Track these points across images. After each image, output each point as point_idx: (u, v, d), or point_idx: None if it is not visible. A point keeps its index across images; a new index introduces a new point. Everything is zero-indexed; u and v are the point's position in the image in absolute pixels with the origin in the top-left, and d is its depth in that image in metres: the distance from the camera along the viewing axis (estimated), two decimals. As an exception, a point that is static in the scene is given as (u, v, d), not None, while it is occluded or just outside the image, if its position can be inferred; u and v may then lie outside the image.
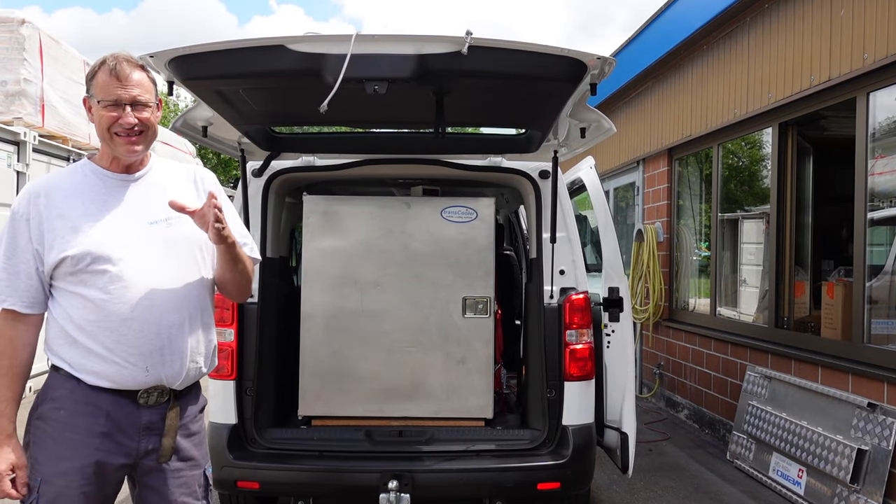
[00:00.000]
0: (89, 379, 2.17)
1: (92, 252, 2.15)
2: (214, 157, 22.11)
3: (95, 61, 2.23)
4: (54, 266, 2.16)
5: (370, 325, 3.97)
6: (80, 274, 2.16)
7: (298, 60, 2.65)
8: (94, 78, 2.20)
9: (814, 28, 4.91)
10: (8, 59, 7.88)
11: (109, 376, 2.17)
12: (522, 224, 5.31)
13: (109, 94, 2.17)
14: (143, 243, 2.22)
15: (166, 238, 2.25)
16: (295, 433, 3.89)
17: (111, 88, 2.17)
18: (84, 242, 2.15)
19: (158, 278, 2.22)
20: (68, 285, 2.17)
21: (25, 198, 2.20)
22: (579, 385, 3.73)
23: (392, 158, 4.02)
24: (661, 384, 7.59)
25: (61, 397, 2.17)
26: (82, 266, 2.15)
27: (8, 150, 7.32)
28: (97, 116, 2.20)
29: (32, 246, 2.16)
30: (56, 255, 2.15)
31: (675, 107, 7.25)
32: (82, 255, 2.14)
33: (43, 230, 2.16)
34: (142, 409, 2.21)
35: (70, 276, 2.16)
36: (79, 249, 2.14)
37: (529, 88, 3.02)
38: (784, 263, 5.58)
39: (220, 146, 3.92)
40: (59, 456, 2.15)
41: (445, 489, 3.64)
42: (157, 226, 2.25)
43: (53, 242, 2.15)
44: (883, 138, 4.59)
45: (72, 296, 2.17)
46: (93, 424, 2.16)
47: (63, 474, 2.14)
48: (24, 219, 2.17)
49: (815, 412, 4.73)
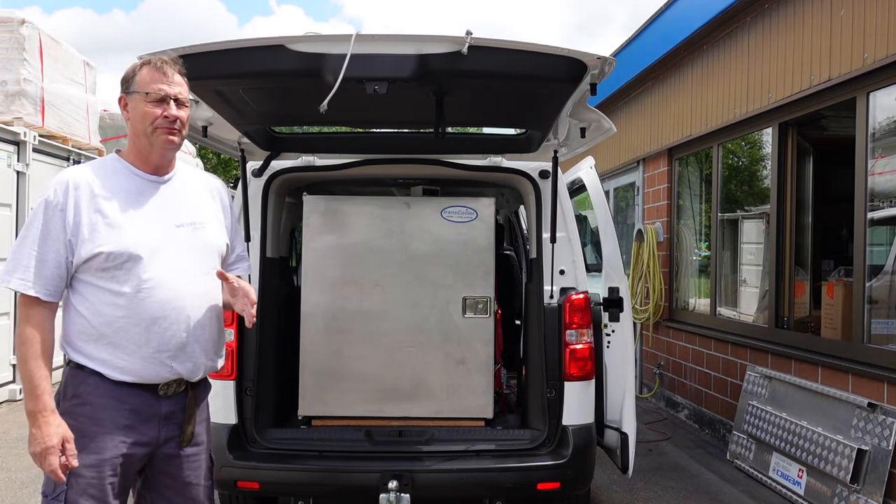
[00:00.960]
0: (114, 374, 2.23)
1: (127, 250, 2.21)
2: (214, 157, 22.11)
3: (134, 63, 2.31)
4: (86, 259, 2.19)
5: (370, 325, 3.97)
6: (112, 270, 2.20)
7: (298, 60, 2.65)
8: (135, 76, 2.27)
9: (814, 28, 4.91)
10: (8, 59, 7.89)
11: (136, 372, 2.25)
12: (522, 224, 5.31)
13: (157, 90, 2.26)
14: (171, 244, 2.31)
15: (191, 242, 2.37)
16: (295, 433, 3.89)
17: (158, 84, 2.26)
18: (120, 240, 2.20)
19: (186, 279, 2.32)
20: (98, 280, 2.21)
21: (62, 187, 2.20)
22: (579, 385, 3.73)
23: (392, 158, 4.02)
24: (661, 384, 7.59)
25: (85, 393, 2.22)
26: (116, 263, 2.20)
27: (8, 150, 7.32)
28: (139, 112, 2.27)
29: (66, 236, 2.18)
30: (90, 248, 2.18)
31: (675, 107, 7.25)
32: (118, 253, 2.20)
33: (80, 222, 2.18)
34: (161, 400, 2.31)
35: (101, 272, 2.20)
36: (115, 246, 2.20)
37: (529, 88, 3.02)
38: (784, 263, 5.58)
39: (220, 146, 3.92)
40: (85, 449, 2.19)
41: (445, 489, 3.64)
42: (183, 229, 2.35)
43: (89, 236, 2.18)
44: (883, 138, 4.59)
45: (101, 291, 2.21)
46: (117, 418, 2.24)
47: (91, 467, 2.19)
48: (59, 208, 2.18)
49: (815, 412, 4.73)
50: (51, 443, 2.13)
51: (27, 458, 5.43)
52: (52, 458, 2.13)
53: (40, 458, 2.14)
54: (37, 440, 2.14)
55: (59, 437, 2.15)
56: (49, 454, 2.13)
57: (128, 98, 2.30)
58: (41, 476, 2.24)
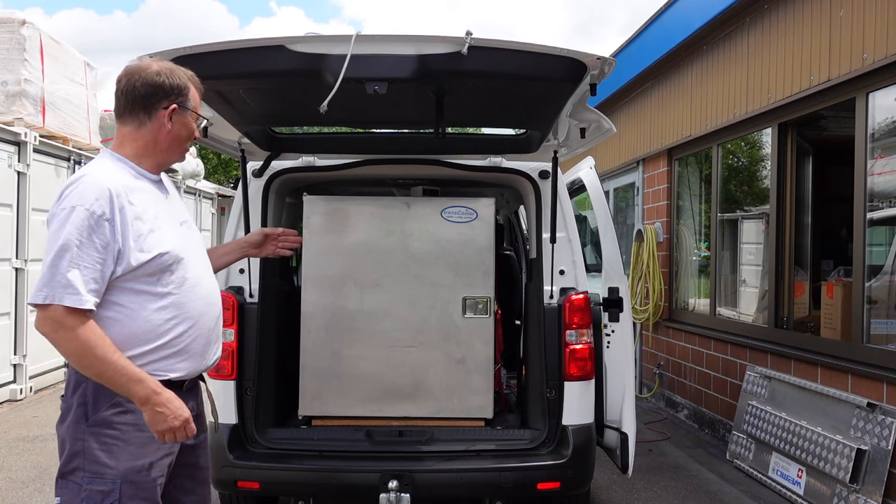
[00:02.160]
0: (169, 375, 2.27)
1: (172, 252, 2.25)
2: (215, 157, 22.11)
3: (176, 70, 2.32)
4: (136, 266, 2.18)
5: (370, 325, 3.98)
6: (158, 273, 2.23)
7: (299, 61, 2.66)
8: (188, 91, 2.32)
9: (813, 28, 4.92)
10: (9, 60, 7.90)
11: (186, 369, 2.31)
12: (522, 224, 5.32)
13: (201, 112, 2.39)
14: (190, 243, 2.39)
15: (194, 238, 2.45)
16: (295, 433, 3.90)
17: (200, 106, 2.39)
18: (167, 243, 2.25)
19: (208, 275, 2.45)
20: (142, 285, 2.21)
21: (105, 197, 2.14)
22: (579, 385, 3.74)
23: (392, 158, 4.03)
24: (660, 384, 7.59)
25: (125, 401, 2.20)
26: (166, 266, 2.23)
27: (8, 151, 7.33)
28: (188, 128, 2.34)
29: (116, 246, 2.15)
30: (143, 255, 2.18)
31: (675, 107, 7.25)
32: (169, 255, 2.24)
33: (126, 231, 2.17)
34: (185, 396, 2.34)
35: (147, 277, 2.21)
36: (166, 249, 2.23)
37: (529, 89, 3.03)
38: (784, 263, 5.58)
39: (220, 146, 3.93)
40: (133, 455, 2.21)
41: (445, 489, 3.64)
42: (185, 227, 2.42)
43: (136, 243, 2.18)
44: (882, 138, 4.60)
45: (143, 296, 2.21)
46: None
47: (141, 471, 2.22)
48: (105, 219, 2.13)
49: (814, 412, 4.73)
50: (186, 413, 2.21)
51: (28, 457, 5.46)
52: (191, 424, 2.23)
53: (178, 431, 2.20)
54: (169, 416, 2.17)
55: (186, 408, 2.23)
56: (190, 422, 2.22)
57: (181, 111, 2.30)
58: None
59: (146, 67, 2.29)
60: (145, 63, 2.33)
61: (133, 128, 2.30)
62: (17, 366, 7.54)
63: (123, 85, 2.29)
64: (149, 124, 2.29)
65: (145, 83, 2.26)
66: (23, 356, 7.55)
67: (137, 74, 2.28)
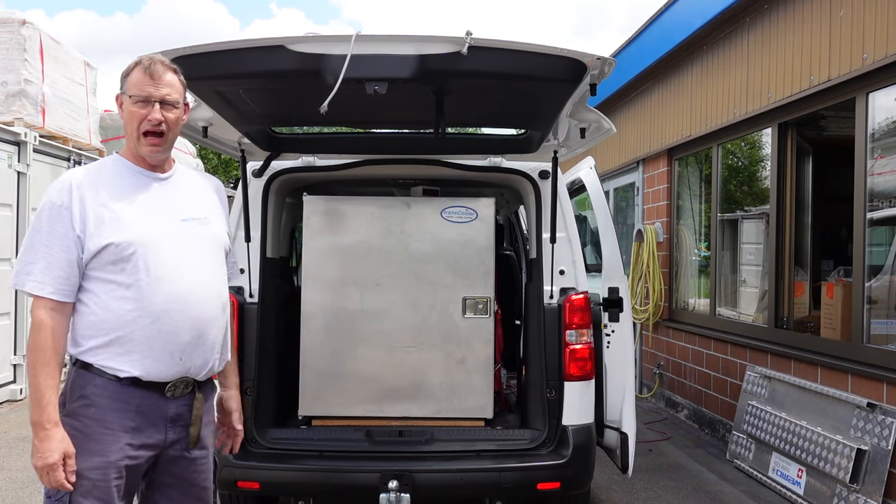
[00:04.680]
0: (122, 371, 2.22)
1: (135, 242, 2.22)
2: (215, 157, 22.10)
3: (132, 62, 2.32)
4: (95, 253, 2.19)
5: (370, 325, 3.98)
6: (121, 263, 2.21)
7: (298, 61, 2.66)
8: (129, 76, 2.30)
9: (813, 28, 4.92)
10: (9, 60, 7.89)
11: (145, 367, 2.23)
12: (522, 224, 5.31)
13: (141, 91, 2.27)
14: (177, 238, 2.32)
15: (197, 236, 2.39)
16: (295, 433, 3.90)
17: (143, 86, 2.27)
18: (128, 232, 2.22)
19: (192, 272, 2.33)
20: (107, 274, 2.21)
21: (65, 188, 2.21)
22: (579, 385, 3.74)
23: (392, 159, 4.03)
24: (660, 384, 7.59)
25: (92, 394, 2.20)
26: (125, 255, 2.20)
27: (8, 151, 7.33)
28: (127, 112, 2.30)
29: (75, 233, 2.18)
30: (100, 241, 2.19)
31: (675, 107, 7.25)
32: (127, 244, 2.20)
33: (86, 218, 2.19)
34: (169, 402, 2.29)
35: (110, 265, 2.21)
36: (123, 237, 2.20)
37: (529, 89, 3.02)
38: (784, 263, 5.58)
39: (220, 146, 3.92)
40: (91, 451, 2.18)
41: (445, 489, 3.64)
42: (188, 224, 2.37)
43: (96, 229, 2.19)
44: (882, 138, 4.59)
45: (110, 285, 2.21)
46: (124, 420, 2.22)
47: (96, 469, 2.18)
48: (65, 208, 2.18)
49: (814, 412, 4.73)
50: (52, 459, 2.10)
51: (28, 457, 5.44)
52: (55, 473, 2.11)
53: (42, 473, 2.12)
54: (39, 454, 2.11)
55: (60, 452, 2.12)
56: (52, 470, 2.10)
57: (122, 98, 2.32)
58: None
59: None
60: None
61: None
62: (17, 366, 7.54)
63: None
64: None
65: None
66: (23, 356, 7.54)
67: None
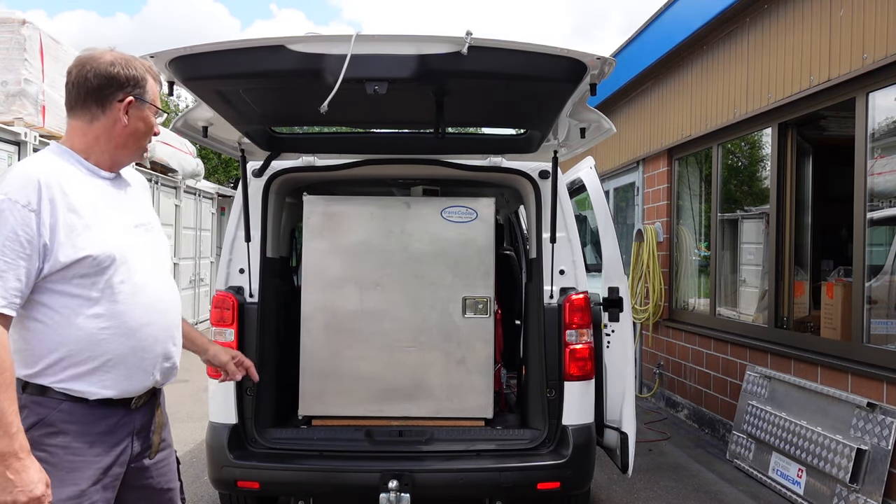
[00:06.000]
0: (92, 394, 2.01)
1: (111, 253, 2.00)
2: (215, 157, 22.11)
3: (133, 60, 2.12)
4: (66, 265, 1.94)
5: (370, 325, 3.98)
6: (93, 276, 1.98)
7: (299, 61, 2.66)
8: (146, 83, 2.12)
9: (813, 28, 4.92)
10: (9, 60, 7.89)
11: (118, 387, 2.06)
12: (522, 224, 5.32)
13: (159, 104, 2.17)
14: (138, 246, 2.13)
15: (150, 242, 2.21)
16: (295, 433, 3.90)
17: (158, 98, 2.18)
18: (102, 242, 1.99)
19: (159, 281, 2.19)
20: (73, 288, 1.97)
21: (32, 186, 1.91)
22: (579, 385, 3.74)
23: (392, 158, 4.03)
24: (660, 384, 7.59)
25: (58, 421, 1.98)
26: (100, 268, 1.99)
27: (8, 151, 7.33)
28: (147, 123, 2.13)
29: (41, 241, 1.91)
30: (73, 252, 1.94)
31: (675, 107, 7.25)
32: (105, 257, 1.99)
33: (56, 225, 1.92)
34: (133, 414, 2.14)
35: (79, 279, 1.97)
36: (99, 249, 1.98)
37: (529, 88, 3.02)
38: (784, 263, 5.58)
39: (220, 146, 3.93)
40: (62, 482, 1.96)
41: (445, 489, 3.64)
42: (139, 229, 2.18)
43: (67, 239, 1.94)
44: (882, 138, 4.59)
45: (76, 300, 1.98)
46: (94, 443, 2.03)
47: (71, 499, 1.98)
48: (31, 210, 1.89)
49: (814, 412, 4.73)
50: (38, 491, 1.83)
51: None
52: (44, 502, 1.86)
53: None
54: (17, 487, 1.81)
55: (44, 483, 1.87)
56: (42, 501, 1.84)
57: (137, 103, 2.10)
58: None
59: (99, 57, 2.07)
60: (98, 53, 2.10)
61: (84, 122, 2.08)
62: None
63: (74, 76, 2.07)
64: (102, 118, 2.07)
65: (98, 74, 2.05)
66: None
67: (89, 65, 2.06)
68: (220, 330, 3.77)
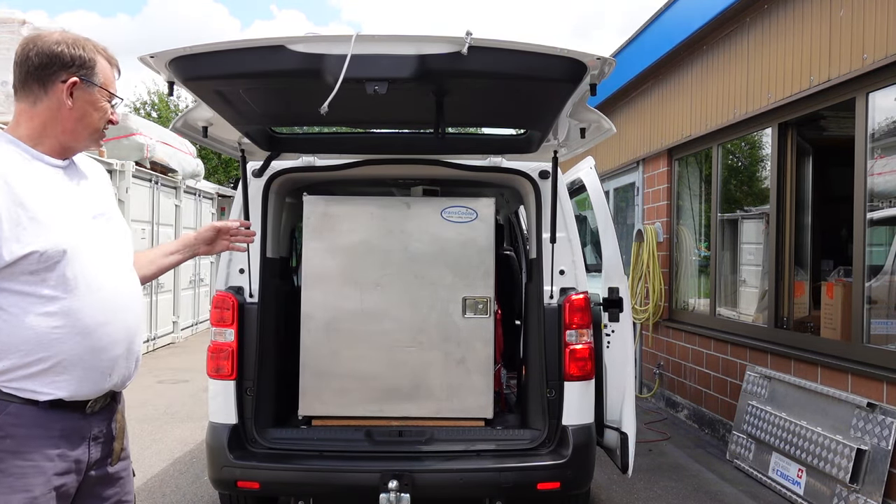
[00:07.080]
0: (42, 395, 1.89)
1: (61, 247, 1.87)
2: (215, 157, 22.12)
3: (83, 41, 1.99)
4: (11, 262, 1.82)
5: (370, 325, 3.98)
6: (42, 273, 1.85)
7: (299, 61, 2.66)
8: (94, 63, 1.98)
9: (813, 28, 4.92)
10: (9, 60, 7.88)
11: (70, 388, 1.92)
12: (522, 224, 5.32)
13: (114, 89, 2.03)
14: (94, 239, 1.99)
15: (109, 233, 2.07)
16: (295, 433, 3.90)
17: (114, 83, 2.03)
18: (50, 236, 1.86)
19: (118, 277, 2.05)
20: (23, 286, 1.85)
21: None
22: (579, 385, 3.74)
23: (392, 159, 4.03)
24: (660, 384, 7.59)
25: (6, 424, 1.85)
26: (49, 264, 1.86)
27: (8, 151, 7.32)
28: (90, 104, 1.98)
29: None
30: (18, 248, 1.81)
31: (675, 107, 7.25)
32: (53, 251, 1.86)
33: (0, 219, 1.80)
34: (89, 418, 2.00)
35: (28, 276, 1.84)
36: (48, 244, 1.85)
37: (529, 89, 3.02)
38: (784, 263, 5.58)
39: (220, 146, 3.93)
40: (12, 488, 1.84)
41: (445, 489, 3.64)
42: (98, 220, 2.04)
43: (12, 233, 1.81)
44: (882, 138, 4.59)
45: (26, 299, 1.86)
46: (46, 448, 1.90)
47: None
48: None
49: (814, 412, 4.73)
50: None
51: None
52: None
53: None
54: None
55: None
56: None
57: (84, 85, 1.96)
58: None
59: (45, 37, 1.95)
60: (46, 32, 1.97)
61: (28, 105, 1.95)
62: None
63: (18, 55, 1.95)
64: (45, 100, 1.94)
65: (40, 53, 1.92)
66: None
67: (33, 44, 1.94)
68: (220, 330, 3.77)
